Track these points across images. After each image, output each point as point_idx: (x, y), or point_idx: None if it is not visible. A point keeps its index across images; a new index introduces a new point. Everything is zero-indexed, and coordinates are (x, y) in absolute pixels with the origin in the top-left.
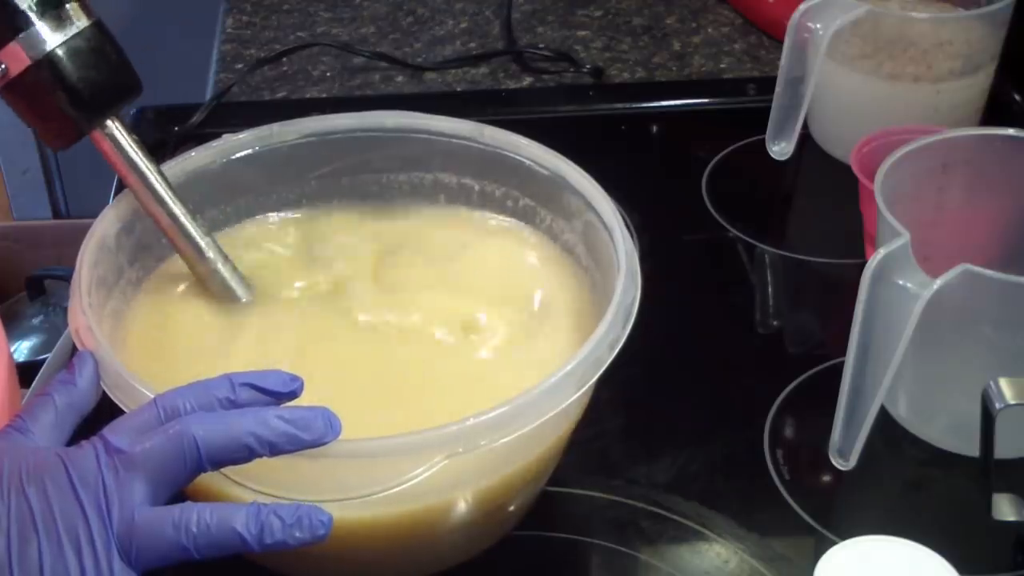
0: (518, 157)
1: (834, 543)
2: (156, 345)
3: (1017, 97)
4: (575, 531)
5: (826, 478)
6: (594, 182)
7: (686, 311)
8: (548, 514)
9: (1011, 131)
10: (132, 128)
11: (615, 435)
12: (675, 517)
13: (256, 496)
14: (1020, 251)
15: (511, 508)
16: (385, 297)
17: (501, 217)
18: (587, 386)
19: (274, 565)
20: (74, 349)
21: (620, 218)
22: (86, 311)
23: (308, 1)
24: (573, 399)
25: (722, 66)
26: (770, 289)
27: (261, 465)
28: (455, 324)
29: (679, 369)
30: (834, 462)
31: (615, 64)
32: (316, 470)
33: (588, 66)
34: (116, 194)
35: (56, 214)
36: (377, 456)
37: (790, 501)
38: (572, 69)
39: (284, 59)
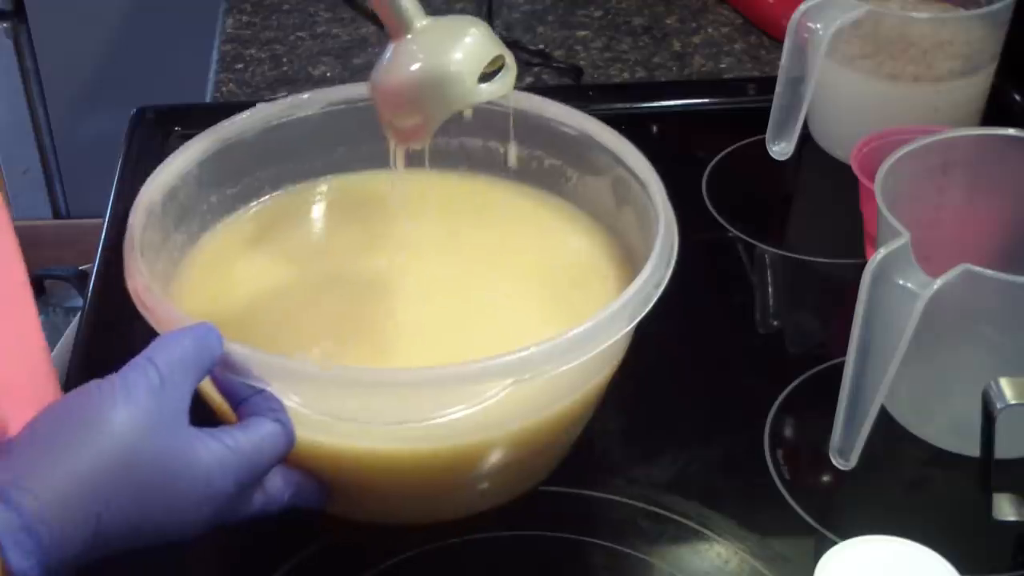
0: (543, 117)
1: (834, 543)
2: (210, 304)
3: (1017, 97)
4: (575, 531)
5: (826, 478)
6: (623, 138)
7: (686, 311)
8: (548, 514)
9: (1011, 131)
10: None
11: (615, 435)
12: (675, 517)
13: (330, 422)
14: (1020, 251)
15: (551, 452)
16: (422, 250)
17: (527, 178)
18: (635, 322)
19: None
20: (77, 349)
21: (653, 169)
22: (143, 271)
23: (308, 1)
24: (624, 332)
25: (722, 66)
26: (770, 289)
27: (335, 395)
28: (494, 276)
29: (679, 369)
30: (834, 462)
31: (615, 64)
32: (391, 397)
33: (564, 64)
34: (117, 192)
35: (56, 214)
36: (449, 382)
37: (790, 501)
38: (554, 64)
39: (284, 59)
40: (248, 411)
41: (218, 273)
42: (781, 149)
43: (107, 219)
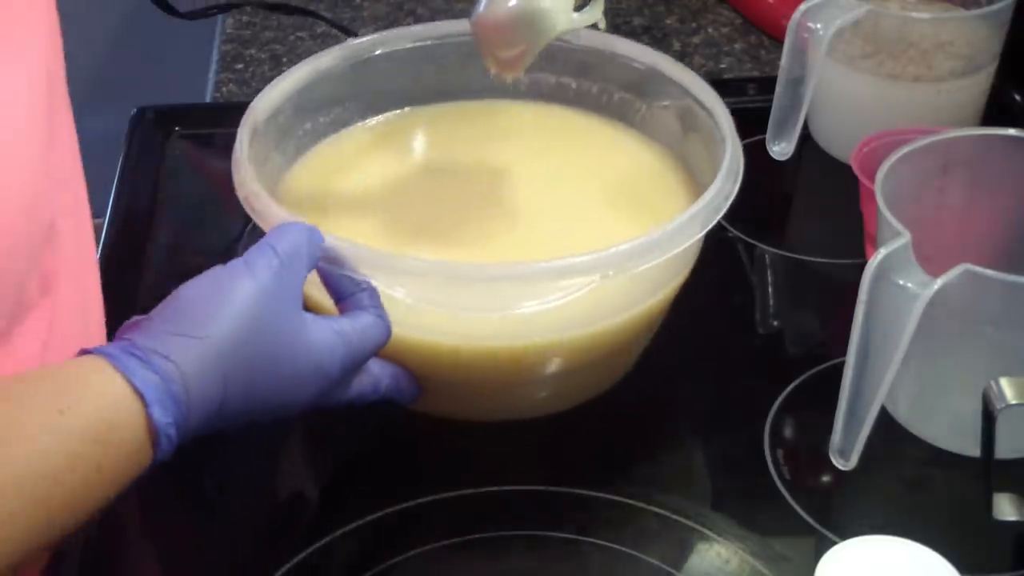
0: (614, 54)
1: (834, 543)
2: (308, 216)
3: (1017, 97)
4: (575, 531)
5: (826, 478)
6: (689, 70)
7: (686, 311)
8: (548, 514)
9: (1011, 131)
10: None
11: (615, 435)
12: (675, 517)
13: (425, 307)
14: (1020, 251)
15: (623, 355)
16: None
17: (600, 110)
18: (707, 228)
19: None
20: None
21: (720, 98)
22: (252, 178)
23: (308, 1)
24: (697, 237)
25: (722, 66)
26: (770, 289)
27: (435, 286)
28: (573, 189)
29: (679, 369)
30: (834, 462)
31: None
32: (483, 289)
33: None
34: (117, 192)
35: None
36: (543, 275)
37: (790, 501)
38: None
39: (284, 59)
40: (350, 305)
41: (314, 190)
42: (781, 149)
43: (107, 219)
